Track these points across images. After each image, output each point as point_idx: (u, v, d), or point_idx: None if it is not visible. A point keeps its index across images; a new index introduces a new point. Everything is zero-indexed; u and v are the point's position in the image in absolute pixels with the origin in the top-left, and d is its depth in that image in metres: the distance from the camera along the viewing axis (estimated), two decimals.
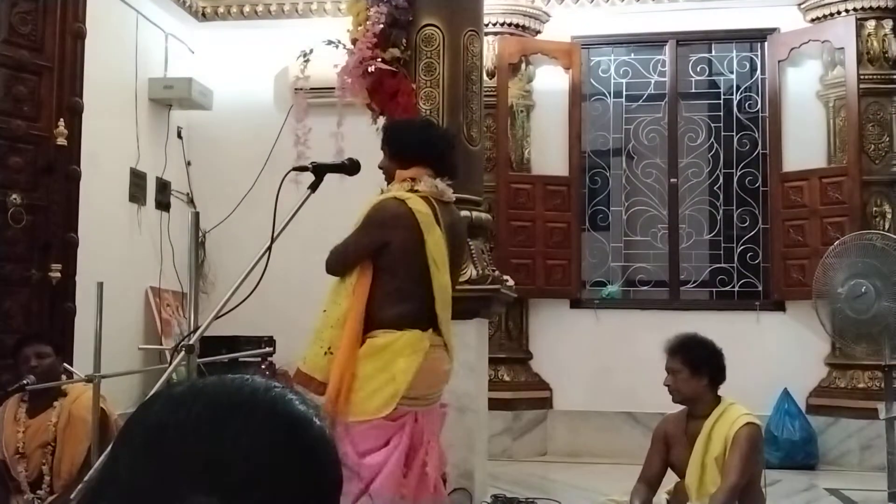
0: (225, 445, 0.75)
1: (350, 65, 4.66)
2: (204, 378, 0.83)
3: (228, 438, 0.75)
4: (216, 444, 0.75)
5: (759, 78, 6.96)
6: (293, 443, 0.77)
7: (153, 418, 0.79)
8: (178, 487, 0.73)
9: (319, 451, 0.79)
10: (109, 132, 5.97)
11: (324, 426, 0.80)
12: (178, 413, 0.77)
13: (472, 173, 4.76)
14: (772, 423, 6.18)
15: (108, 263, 5.64)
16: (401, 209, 3.20)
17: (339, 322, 3.17)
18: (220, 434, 0.75)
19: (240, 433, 0.75)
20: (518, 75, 6.96)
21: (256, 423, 0.76)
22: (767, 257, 6.80)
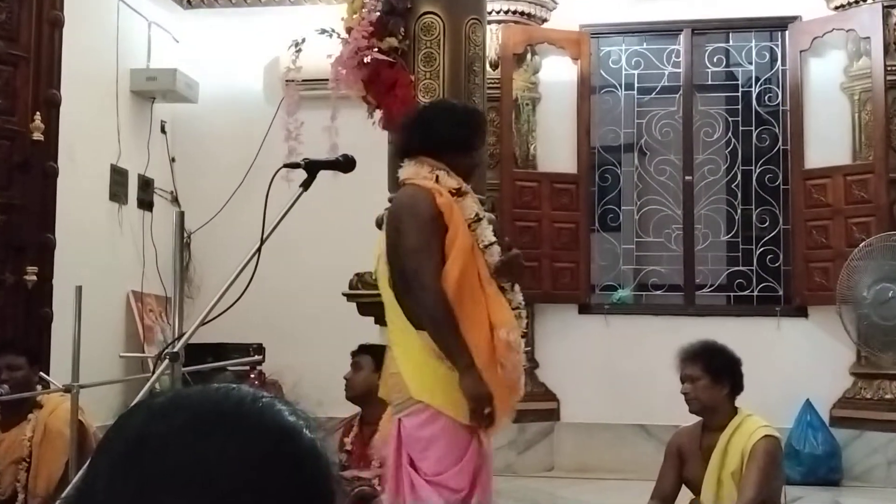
0: (209, 458, 0.75)
1: (345, 55, 4.67)
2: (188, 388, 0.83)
3: (212, 450, 0.75)
4: (199, 457, 0.75)
5: (779, 69, 6.96)
6: (281, 455, 0.77)
7: (133, 430, 0.79)
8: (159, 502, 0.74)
9: (309, 464, 0.79)
10: (89, 126, 5.98)
11: (314, 438, 0.81)
12: (160, 424, 0.78)
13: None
14: (793, 436, 6.17)
15: (86, 266, 5.64)
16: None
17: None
18: (204, 446, 0.75)
19: (225, 445, 0.76)
20: (523, 66, 6.97)
21: (242, 435, 0.77)
22: (788, 260, 6.81)
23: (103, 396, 5.59)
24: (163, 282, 6.56)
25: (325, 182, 2.95)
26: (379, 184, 4.84)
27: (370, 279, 4.36)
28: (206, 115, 6.93)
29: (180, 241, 2.70)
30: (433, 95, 4.69)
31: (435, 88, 4.70)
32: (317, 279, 6.30)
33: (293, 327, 6.54)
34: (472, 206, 3.18)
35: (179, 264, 2.69)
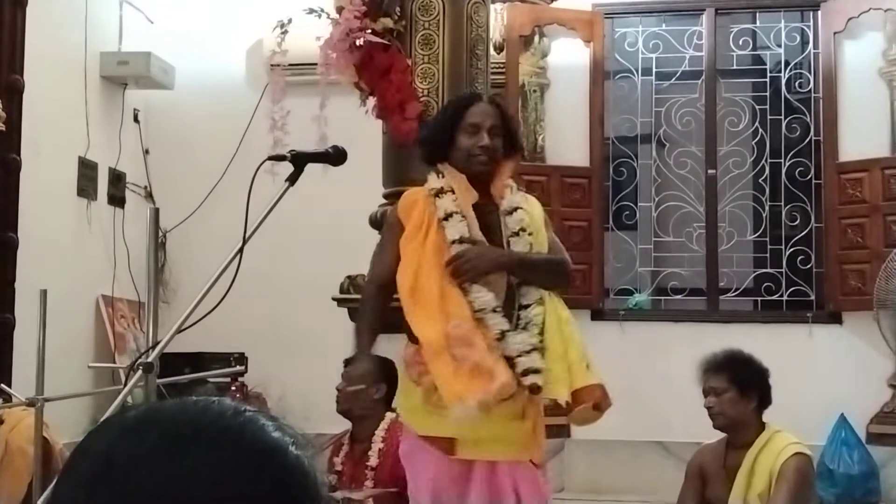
0: (183, 479, 0.75)
1: (335, 37, 4.67)
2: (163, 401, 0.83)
3: (187, 470, 0.75)
4: (173, 478, 0.75)
5: (811, 52, 6.97)
6: (265, 474, 0.77)
7: (101, 448, 0.79)
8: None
9: (296, 484, 0.79)
10: (54, 115, 5.98)
11: (301, 456, 0.81)
12: (130, 442, 0.78)
13: None
14: (826, 454, 6.17)
15: (52, 268, 5.65)
16: None
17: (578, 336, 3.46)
18: (178, 465, 0.75)
19: (201, 464, 0.76)
20: (530, 49, 6.97)
21: (221, 453, 0.77)
22: (821, 261, 6.81)
23: (70, 411, 5.59)
24: (136, 285, 6.56)
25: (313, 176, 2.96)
26: (372, 178, 4.84)
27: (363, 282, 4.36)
28: (183, 103, 6.93)
29: (154, 241, 2.70)
30: (432, 81, 4.69)
31: (434, 74, 4.70)
32: (304, 282, 6.30)
33: (278, 335, 6.54)
34: (444, 204, 3.32)
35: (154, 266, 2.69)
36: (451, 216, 3.30)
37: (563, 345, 3.32)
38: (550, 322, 3.32)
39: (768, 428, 3.63)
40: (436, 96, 4.65)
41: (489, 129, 3.35)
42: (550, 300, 3.37)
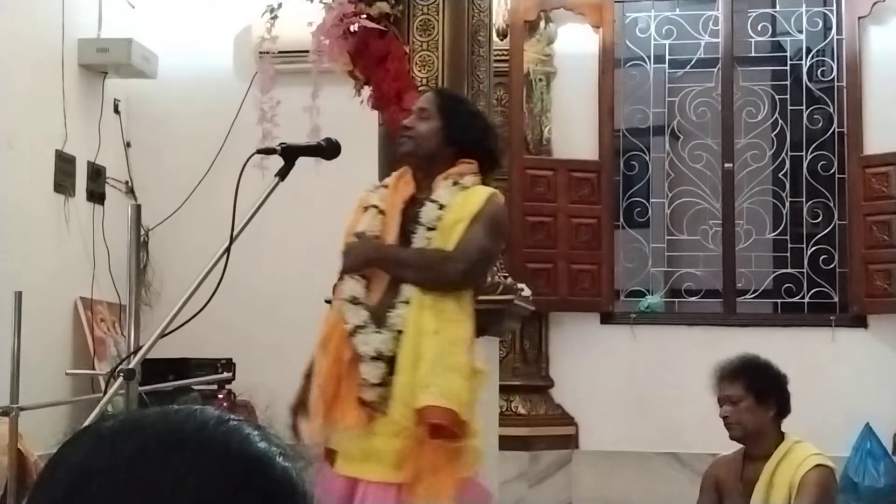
0: (165, 489, 0.75)
1: (328, 22, 4.67)
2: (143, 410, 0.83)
3: (167, 483, 0.75)
4: (154, 488, 0.75)
5: (834, 39, 6.97)
6: (250, 487, 0.77)
7: (77, 459, 0.79)
8: None
9: (282, 495, 0.79)
10: (29, 106, 5.98)
11: (289, 467, 0.81)
12: (107, 454, 0.78)
13: None
14: (850, 466, 6.18)
15: (28, 269, 5.65)
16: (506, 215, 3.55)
17: (469, 345, 3.23)
18: (158, 478, 0.76)
19: (184, 474, 0.76)
20: (536, 35, 6.97)
21: (204, 464, 0.77)
22: (845, 261, 6.81)
23: (47, 420, 5.58)
24: (116, 287, 6.56)
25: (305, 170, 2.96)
26: (367, 172, 4.83)
27: None
28: (167, 93, 6.92)
29: (136, 240, 2.70)
30: (431, 70, 4.69)
31: (433, 62, 4.70)
32: (295, 283, 6.30)
33: (268, 339, 6.53)
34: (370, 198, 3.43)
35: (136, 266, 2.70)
36: (368, 209, 3.37)
37: (412, 356, 3.16)
38: (409, 330, 3.19)
39: (788, 438, 3.63)
40: (435, 85, 4.64)
41: (416, 111, 3.39)
42: (420, 304, 3.22)
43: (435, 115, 3.37)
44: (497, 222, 3.34)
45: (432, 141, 3.33)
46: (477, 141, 3.40)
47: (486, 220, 3.26)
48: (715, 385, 3.70)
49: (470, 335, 3.24)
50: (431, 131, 3.34)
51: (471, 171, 3.35)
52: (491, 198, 3.31)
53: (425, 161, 3.36)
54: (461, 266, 3.22)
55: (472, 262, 3.25)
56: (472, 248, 3.24)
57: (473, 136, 3.40)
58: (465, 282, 3.26)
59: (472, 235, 3.24)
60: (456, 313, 3.21)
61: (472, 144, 3.38)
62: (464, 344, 3.20)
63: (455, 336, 3.18)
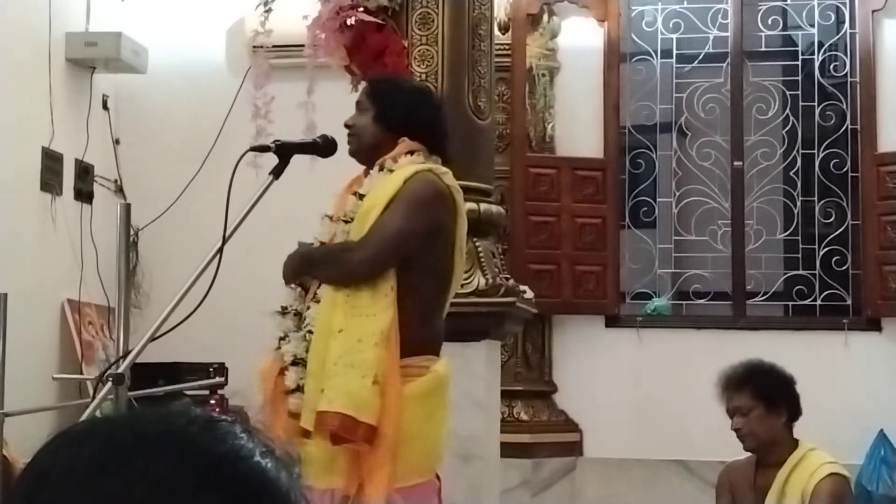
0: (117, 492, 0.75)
1: (324, 16, 4.67)
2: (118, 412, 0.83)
3: (119, 486, 0.75)
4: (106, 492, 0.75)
5: (847, 33, 6.97)
6: (213, 488, 0.77)
7: (38, 465, 0.80)
8: None
9: (250, 494, 0.78)
10: (15, 102, 5.98)
11: (264, 466, 0.80)
12: (66, 457, 0.78)
13: (480, 154, 4.77)
14: (864, 474, 6.18)
15: (13, 270, 5.64)
16: (441, 186, 3.23)
17: (382, 339, 3.03)
18: (113, 478, 0.75)
19: (138, 479, 0.75)
20: (539, 29, 6.97)
21: (165, 465, 0.77)
22: (858, 263, 6.81)
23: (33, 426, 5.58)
24: (105, 289, 6.55)
25: (299, 168, 2.96)
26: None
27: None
28: (157, 89, 6.92)
29: (126, 240, 2.70)
30: (430, 65, 4.69)
31: (432, 56, 4.70)
32: None
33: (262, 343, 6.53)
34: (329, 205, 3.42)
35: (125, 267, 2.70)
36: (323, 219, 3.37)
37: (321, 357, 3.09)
38: (317, 330, 3.14)
39: (801, 445, 3.63)
40: (434, 81, 4.64)
41: (356, 105, 3.38)
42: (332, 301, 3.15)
43: (368, 105, 3.33)
44: (414, 200, 3.16)
45: (369, 131, 3.29)
46: (408, 117, 3.30)
47: (399, 201, 3.15)
48: (721, 396, 3.69)
49: (386, 326, 3.05)
50: (367, 122, 3.30)
51: (405, 151, 3.26)
52: (412, 176, 3.18)
53: (372, 154, 3.30)
54: (360, 255, 3.14)
55: (374, 248, 3.13)
56: (374, 234, 3.13)
57: (403, 112, 3.30)
58: (367, 270, 3.12)
59: (380, 221, 3.14)
60: (369, 307, 3.07)
61: (406, 122, 3.30)
62: (373, 338, 3.03)
63: (363, 332, 3.04)
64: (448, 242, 3.23)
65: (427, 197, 3.18)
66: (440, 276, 3.23)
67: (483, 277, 4.57)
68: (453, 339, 3.47)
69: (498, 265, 4.77)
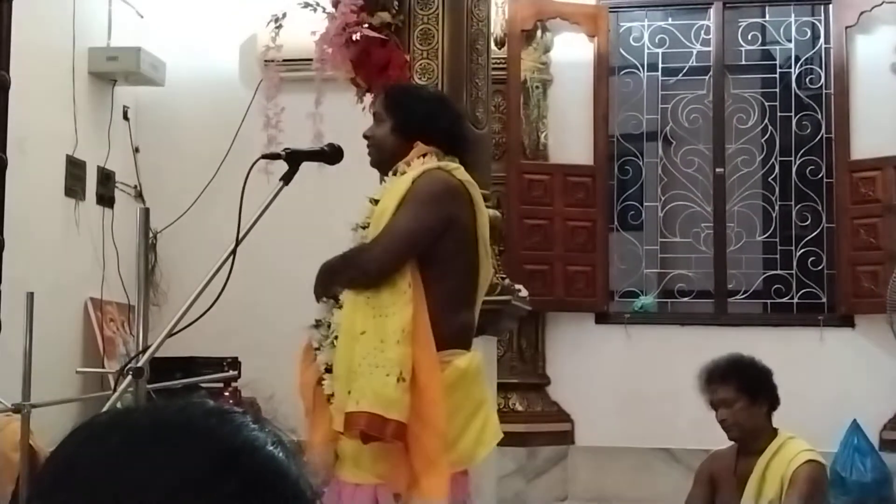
0: (138, 484, 0.74)
1: (331, 32, 4.67)
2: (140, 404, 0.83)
3: (145, 473, 0.75)
4: (130, 480, 0.75)
5: (822, 47, 6.97)
6: (230, 477, 0.76)
7: (65, 454, 0.79)
8: None
9: (265, 483, 0.78)
10: (41, 113, 5.97)
11: (276, 455, 0.80)
12: (93, 446, 0.78)
13: (478, 161, 4.75)
14: (838, 461, 6.17)
15: (39, 270, 5.64)
16: (453, 181, 3.13)
17: (405, 336, 2.92)
18: (137, 468, 0.75)
19: (161, 466, 0.75)
20: (533, 44, 6.97)
21: (185, 454, 0.76)
22: (833, 263, 6.80)
23: (58, 417, 5.57)
24: (125, 288, 6.55)
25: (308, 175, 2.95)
26: (369, 176, 4.81)
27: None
28: (175, 100, 6.92)
29: (145, 242, 2.69)
30: (431, 77, 4.68)
31: (433, 69, 4.70)
32: (301, 284, 6.28)
33: (273, 338, 6.52)
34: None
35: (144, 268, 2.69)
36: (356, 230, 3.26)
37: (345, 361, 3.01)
38: (341, 335, 3.07)
39: (780, 434, 3.62)
40: None
41: (374, 116, 3.29)
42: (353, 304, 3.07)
43: (385, 115, 3.26)
44: (422, 197, 3.08)
45: (388, 142, 3.22)
46: (425, 124, 3.21)
47: (409, 200, 3.07)
48: (704, 389, 3.68)
49: (407, 323, 2.94)
50: (385, 133, 3.23)
51: (418, 155, 3.18)
52: (420, 176, 3.10)
53: (391, 163, 3.23)
54: (374, 253, 3.06)
55: (383, 246, 3.05)
56: (384, 234, 3.06)
57: (420, 121, 3.21)
58: (379, 268, 3.03)
59: (392, 221, 3.07)
60: (389, 306, 2.97)
61: (423, 129, 3.21)
62: (395, 336, 2.93)
63: (384, 331, 2.95)
64: (466, 236, 3.10)
65: (435, 192, 3.09)
66: (462, 270, 3.10)
67: None
68: None
69: (494, 265, 4.76)
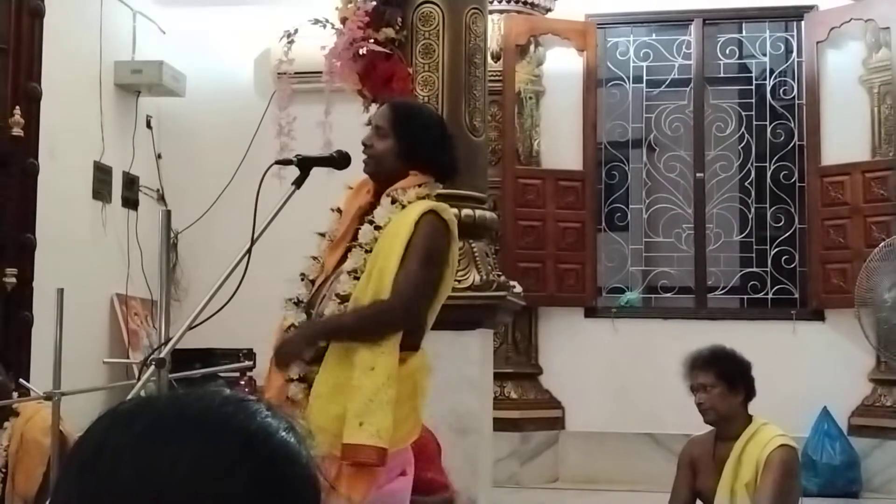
0: (161, 468, 0.75)
1: (339, 46, 4.66)
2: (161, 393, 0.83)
3: (167, 458, 0.75)
4: (153, 465, 0.75)
5: (795, 61, 6.96)
6: (247, 460, 0.76)
7: (91, 440, 0.79)
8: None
9: (280, 469, 0.78)
10: (71, 121, 5.98)
11: (288, 440, 0.80)
12: (118, 433, 0.78)
13: (476, 167, 4.76)
14: (809, 445, 6.17)
15: (69, 267, 5.64)
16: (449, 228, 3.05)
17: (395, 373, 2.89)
18: (158, 454, 0.75)
19: (181, 452, 0.75)
20: (526, 58, 6.96)
21: (202, 441, 0.76)
22: (804, 261, 6.80)
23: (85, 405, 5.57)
24: (148, 284, 6.55)
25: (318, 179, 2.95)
26: None
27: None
28: (194, 110, 6.92)
29: (167, 242, 2.69)
30: (432, 89, 4.68)
31: (434, 82, 4.69)
32: None
33: None
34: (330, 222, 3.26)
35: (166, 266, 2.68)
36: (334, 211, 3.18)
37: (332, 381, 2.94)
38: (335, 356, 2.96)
39: (755, 420, 3.62)
40: (436, 103, 4.64)
41: (374, 127, 3.14)
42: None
43: (390, 133, 3.10)
44: (431, 248, 2.97)
45: (390, 161, 3.08)
46: (430, 156, 3.12)
47: (419, 250, 2.94)
48: (687, 374, 3.68)
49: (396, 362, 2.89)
50: (387, 151, 3.08)
51: (415, 184, 3.07)
52: (422, 218, 2.97)
53: (385, 178, 3.11)
54: (399, 313, 2.93)
55: (409, 303, 2.93)
56: (407, 289, 2.92)
57: (427, 151, 3.11)
58: (406, 324, 2.94)
59: (406, 273, 2.92)
60: (389, 344, 2.90)
61: (425, 160, 3.11)
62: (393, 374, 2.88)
63: (389, 370, 2.87)
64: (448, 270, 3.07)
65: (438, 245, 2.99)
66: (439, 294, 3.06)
67: (478, 274, 4.56)
68: (452, 328, 3.47)
69: (491, 263, 4.76)
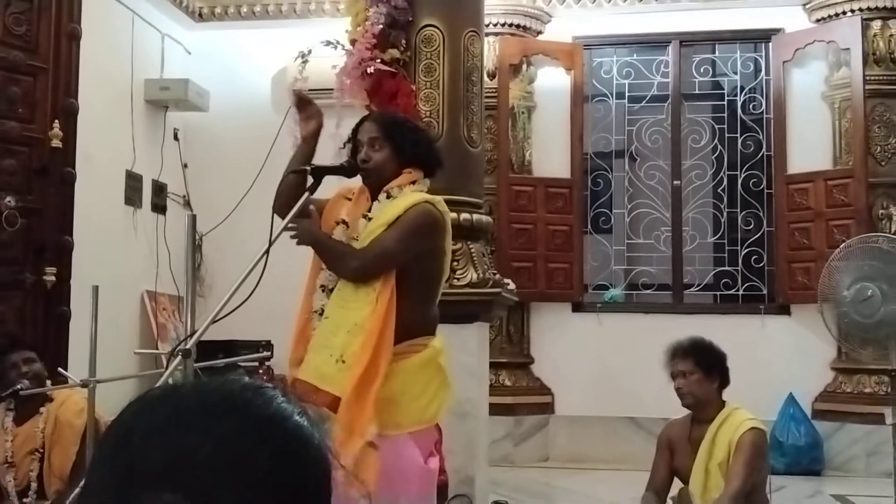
0: (188, 448, 0.74)
1: (349, 66, 4.66)
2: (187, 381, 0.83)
3: (192, 441, 0.74)
4: (179, 449, 0.74)
5: (763, 79, 6.96)
6: (265, 442, 0.76)
7: (123, 423, 0.79)
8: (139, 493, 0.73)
9: (295, 450, 0.78)
10: (105, 134, 5.98)
11: (302, 423, 0.79)
12: (147, 418, 0.77)
13: (473, 176, 4.76)
14: (777, 428, 6.17)
15: (103, 267, 5.64)
16: (438, 215, 3.08)
17: (355, 328, 2.91)
18: (184, 437, 0.75)
19: (205, 436, 0.75)
20: (519, 76, 6.96)
21: (225, 425, 0.76)
22: (772, 260, 6.80)
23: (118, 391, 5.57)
24: (175, 282, 6.55)
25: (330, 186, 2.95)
26: None
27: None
28: (217, 123, 6.92)
29: (192, 243, 2.69)
30: (433, 104, 4.68)
31: (435, 98, 4.69)
32: None
33: None
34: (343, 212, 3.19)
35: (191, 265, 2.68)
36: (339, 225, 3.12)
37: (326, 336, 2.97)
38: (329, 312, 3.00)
39: (728, 405, 3.62)
40: (437, 117, 4.64)
41: (368, 141, 3.11)
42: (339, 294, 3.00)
43: (384, 142, 3.10)
44: (411, 228, 2.98)
45: (388, 166, 3.08)
46: (421, 153, 3.15)
47: (400, 224, 2.97)
48: (668, 362, 3.68)
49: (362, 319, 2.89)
50: (385, 159, 3.08)
51: (409, 181, 3.10)
52: (415, 204, 3.00)
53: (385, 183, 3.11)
54: (354, 263, 2.96)
55: (366, 260, 2.95)
56: (370, 249, 2.96)
57: (418, 150, 3.14)
58: (357, 276, 2.97)
59: (379, 238, 2.97)
60: (353, 301, 2.94)
61: (417, 157, 3.14)
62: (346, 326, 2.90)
63: (341, 320, 2.93)
64: (441, 255, 3.09)
65: (423, 227, 3.02)
66: (433, 279, 3.09)
67: (475, 272, 4.56)
68: (452, 321, 3.45)
69: (487, 263, 4.75)
